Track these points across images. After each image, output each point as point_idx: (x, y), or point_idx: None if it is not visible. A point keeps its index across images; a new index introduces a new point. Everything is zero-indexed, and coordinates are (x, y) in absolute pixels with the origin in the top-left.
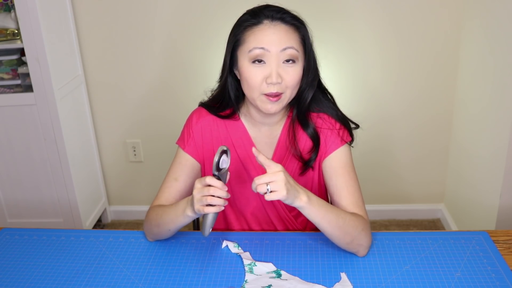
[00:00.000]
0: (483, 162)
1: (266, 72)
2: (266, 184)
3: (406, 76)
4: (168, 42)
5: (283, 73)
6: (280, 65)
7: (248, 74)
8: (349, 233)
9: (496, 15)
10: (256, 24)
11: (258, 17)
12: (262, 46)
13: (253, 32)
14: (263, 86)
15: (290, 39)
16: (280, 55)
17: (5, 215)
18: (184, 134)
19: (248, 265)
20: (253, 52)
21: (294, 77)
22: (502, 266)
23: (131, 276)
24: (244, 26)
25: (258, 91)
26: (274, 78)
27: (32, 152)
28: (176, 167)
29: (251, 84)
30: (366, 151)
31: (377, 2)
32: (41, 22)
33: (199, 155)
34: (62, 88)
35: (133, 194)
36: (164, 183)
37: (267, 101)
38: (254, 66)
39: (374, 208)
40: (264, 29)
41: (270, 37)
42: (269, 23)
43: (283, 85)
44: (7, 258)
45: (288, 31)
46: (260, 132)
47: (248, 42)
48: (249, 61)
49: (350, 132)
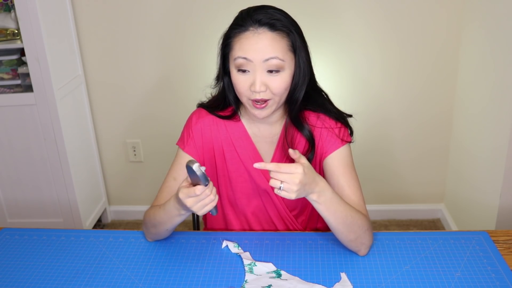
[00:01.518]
0: (483, 162)
1: (251, 80)
2: (280, 181)
3: (406, 76)
4: (168, 42)
5: (268, 81)
6: (264, 74)
7: (235, 81)
8: (354, 231)
9: (496, 16)
10: (242, 31)
11: (245, 22)
12: (245, 56)
13: (239, 39)
14: (249, 92)
15: (275, 48)
16: (263, 65)
17: (5, 215)
18: (184, 135)
19: (248, 265)
20: (237, 61)
21: (280, 85)
22: (502, 266)
23: (131, 276)
24: (234, 32)
25: (246, 96)
26: (257, 87)
27: (32, 152)
28: (176, 167)
29: (238, 90)
30: (366, 151)
31: (377, 2)
32: (41, 22)
33: (199, 155)
34: (62, 88)
35: (133, 194)
36: (164, 182)
37: (254, 107)
38: (239, 74)
39: (374, 208)
40: (249, 37)
41: (253, 46)
42: (255, 31)
43: (268, 92)
44: (7, 258)
45: (274, 39)
46: (260, 131)
47: (234, 50)
48: (235, 68)
49: (351, 130)
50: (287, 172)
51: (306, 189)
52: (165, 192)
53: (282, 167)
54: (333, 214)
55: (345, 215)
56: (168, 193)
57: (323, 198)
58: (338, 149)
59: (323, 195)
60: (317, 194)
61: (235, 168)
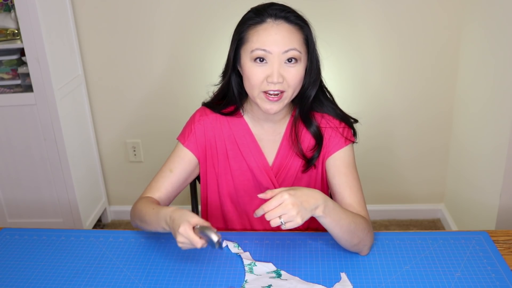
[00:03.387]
0: (483, 162)
1: (268, 71)
2: (279, 218)
3: (407, 76)
4: (168, 42)
5: (284, 73)
6: (282, 65)
7: (250, 72)
8: (357, 236)
9: (496, 15)
10: (259, 22)
11: (262, 15)
12: (264, 48)
13: (256, 31)
14: (264, 84)
15: (293, 39)
16: (282, 56)
17: (5, 215)
18: (185, 130)
19: (248, 265)
20: (255, 53)
21: (296, 76)
22: (502, 266)
23: (131, 276)
24: (248, 25)
25: (259, 89)
26: (275, 77)
27: (32, 152)
28: (174, 159)
29: (253, 82)
30: (366, 151)
31: (377, 2)
32: (41, 22)
33: (199, 151)
34: (62, 88)
35: (133, 194)
36: (159, 173)
37: (267, 100)
38: (256, 64)
39: (374, 208)
40: (267, 28)
41: (272, 37)
42: (272, 22)
43: (285, 84)
44: (7, 258)
45: (291, 31)
46: (264, 130)
47: (251, 42)
48: (251, 60)
49: (354, 131)
50: (275, 205)
51: (306, 207)
52: (159, 182)
53: (267, 205)
54: (338, 223)
55: (348, 223)
56: (161, 183)
57: (328, 209)
58: (342, 149)
59: (326, 206)
60: (322, 206)
61: (238, 166)
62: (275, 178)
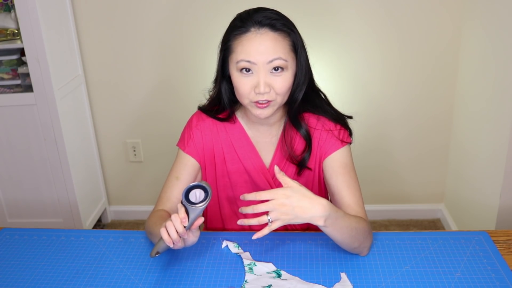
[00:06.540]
0: (483, 162)
1: (254, 81)
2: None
3: (406, 76)
4: (168, 42)
5: (271, 82)
6: (268, 75)
7: (237, 83)
8: (358, 240)
9: (496, 15)
10: (244, 32)
11: (246, 24)
12: (249, 59)
13: (240, 41)
14: (252, 94)
15: (277, 48)
16: (267, 66)
17: (5, 215)
18: (184, 136)
19: (248, 265)
20: (240, 64)
21: (284, 84)
22: (502, 266)
23: (131, 276)
24: (233, 34)
25: (248, 98)
26: (262, 88)
27: (32, 152)
28: (178, 166)
29: (241, 92)
30: (366, 151)
31: (377, 1)
32: (41, 22)
33: (200, 156)
34: (62, 88)
35: (133, 194)
36: (166, 182)
37: (257, 107)
38: (242, 75)
39: (374, 208)
40: (251, 38)
41: (255, 48)
42: (256, 32)
43: (272, 93)
44: (7, 258)
45: (275, 40)
46: (259, 132)
47: (236, 53)
48: (237, 70)
49: (350, 132)
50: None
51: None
52: (168, 192)
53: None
54: (339, 231)
55: (350, 230)
56: (170, 192)
57: (330, 221)
58: (338, 150)
59: (329, 218)
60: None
61: (235, 169)
62: (272, 180)
